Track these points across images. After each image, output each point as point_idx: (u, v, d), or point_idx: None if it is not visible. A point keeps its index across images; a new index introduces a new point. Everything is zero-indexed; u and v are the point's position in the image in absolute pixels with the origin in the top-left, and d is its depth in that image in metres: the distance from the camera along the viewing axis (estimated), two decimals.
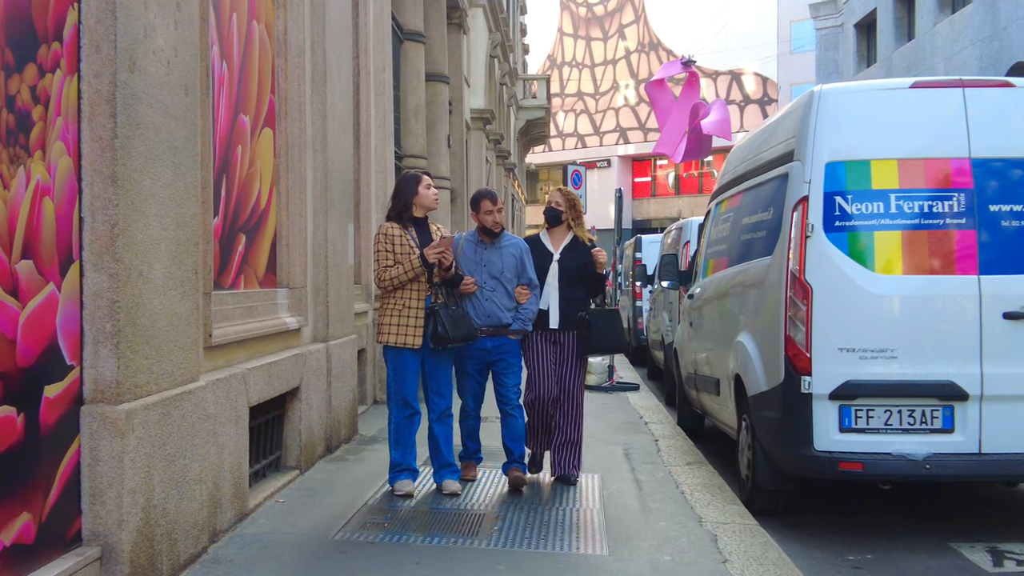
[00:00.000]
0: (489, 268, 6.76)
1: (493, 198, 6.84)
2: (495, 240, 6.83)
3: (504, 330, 6.78)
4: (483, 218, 6.80)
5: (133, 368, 4.33)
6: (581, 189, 21.31)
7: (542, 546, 5.54)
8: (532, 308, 6.85)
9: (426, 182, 6.67)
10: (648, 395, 12.56)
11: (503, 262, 6.78)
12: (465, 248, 6.87)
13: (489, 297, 6.73)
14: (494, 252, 6.80)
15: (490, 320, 6.73)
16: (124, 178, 4.24)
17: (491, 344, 6.77)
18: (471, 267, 6.76)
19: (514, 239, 6.95)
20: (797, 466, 6.36)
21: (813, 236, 6.28)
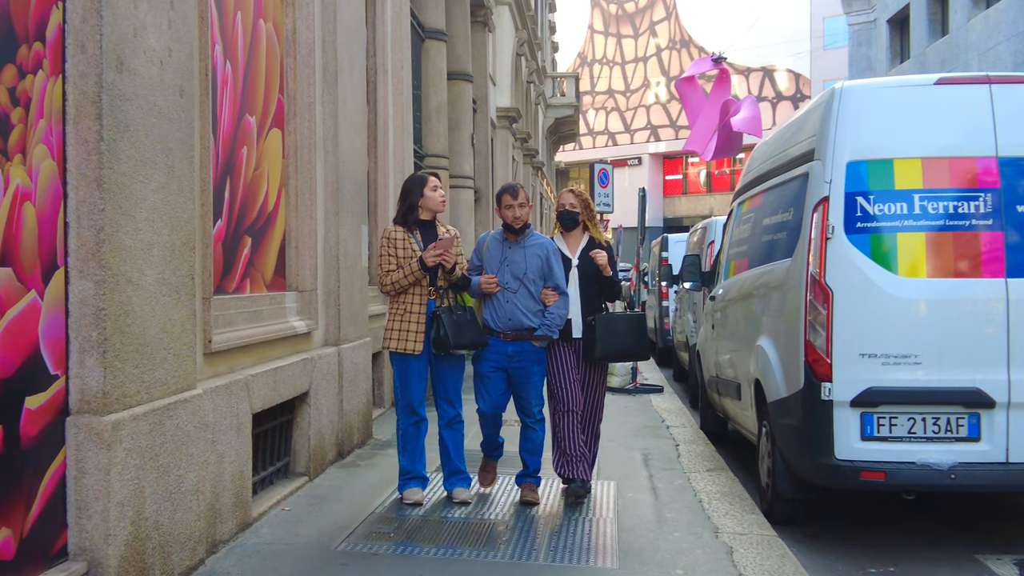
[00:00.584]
0: (512, 268, 6.40)
1: (515, 192, 6.45)
2: (519, 238, 6.47)
3: (527, 335, 6.40)
4: (504, 213, 6.45)
5: (121, 377, 4.20)
6: (608, 187, 21.14)
7: (551, 559, 5.37)
8: (559, 313, 6.43)
9: (432, 184, 6.48)
10: (672, 398, 12.35)
11: (527, 262, 6.40)
12: (490, 246, 6.55)
13: (510, 299, 6.37)
14: (518, 251, 6.44)
15: (511, 323, 6.37)
16: (111, 182, 4.12)
17: (512, 349, 6.40)
18: (494, 266, 6.44)
19: (541, 239, 6.57)
20: (817, 475, 6.15)
21: (834, 238, 6.07)
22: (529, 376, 6.46)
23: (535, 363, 6.46)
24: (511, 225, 6.44)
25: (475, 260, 6.58)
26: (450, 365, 6.43)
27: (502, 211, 6.45)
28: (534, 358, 6.45)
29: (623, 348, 6.66)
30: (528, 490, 6.57)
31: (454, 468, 6.54)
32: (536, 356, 6.46)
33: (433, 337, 6.24)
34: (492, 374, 6.45)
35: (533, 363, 6.45)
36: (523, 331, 6.36)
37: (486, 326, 6.41)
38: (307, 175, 7.21)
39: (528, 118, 27.65)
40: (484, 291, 6.38)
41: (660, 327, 16.98)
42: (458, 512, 6.28)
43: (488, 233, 6.69)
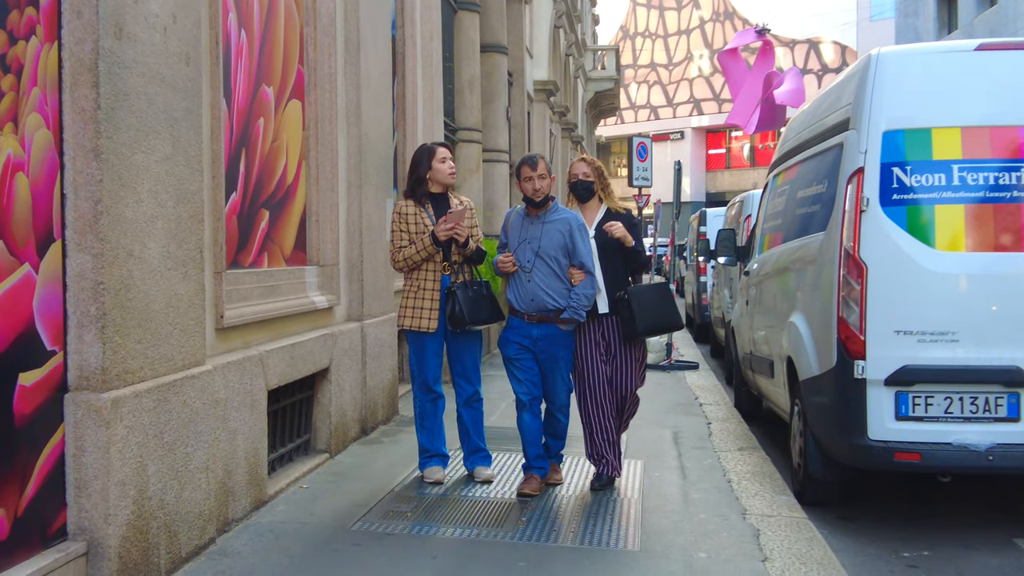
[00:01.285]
0: (532, 244, 6.02)
1: (533, 163, 6.04)
2: (541, 213, 6.07)
3: (552, 317, 5.99)
4: (523, 186, 6.06)
5: (123, 353, 4.09)
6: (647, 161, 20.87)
7: (570, 540, 5.22)
8: (584, 294, 5.97)
9: (441, 155, 6.27)
10: (707, 374, 12.13)
11: (547, 238, 6.00)
12: (514, 222, 6.20)
13: (532, 278, 5.98)
14: (539, 227, 6.05)
15: (535, 304, 5.98)
16: (109, 152, 3.99)
17: (536, 332, 6.01)
18: (517, 243, 6.08)
19: (565, 213, 6.12)
20: (850, 456, 5.95)
21: (869, 210, 5.84)
22: (555, 361, 6.07)
23: (561, 347, 6.07)
24: (531, 199, 6.07)
25: (502, 237, 6.26)
26: (467, 341, 6.27)
27: (521, 184, 6.10)
28: (560, 342, 6.06)
29: (660, 320, 6.26)
30: (553, 471, 6.34)
31: (474, 446, 6.40)
32: (563, 340, 6.06)
33: (448, 314, 6.09)
34: (520, 356, 6.08)
35: (559, 347, 6.06)
36: (547, 312, 5.98)
37: (511, 307, 6.11)
38: (328, 147, 7.06)
39: (567, 91, 27.36)
40: (501, 270, 6.07)
41: (698, 303, 16.77)
42: (479, 491, 6.14)
43: (514, 208, 6.33)
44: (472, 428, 6.34)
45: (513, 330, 6.09)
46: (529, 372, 6.08)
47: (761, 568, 4.85)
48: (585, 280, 6.00)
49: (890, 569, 5.40)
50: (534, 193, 6.03)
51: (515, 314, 6.09)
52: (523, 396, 6.12)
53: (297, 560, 4.81)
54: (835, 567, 4.94)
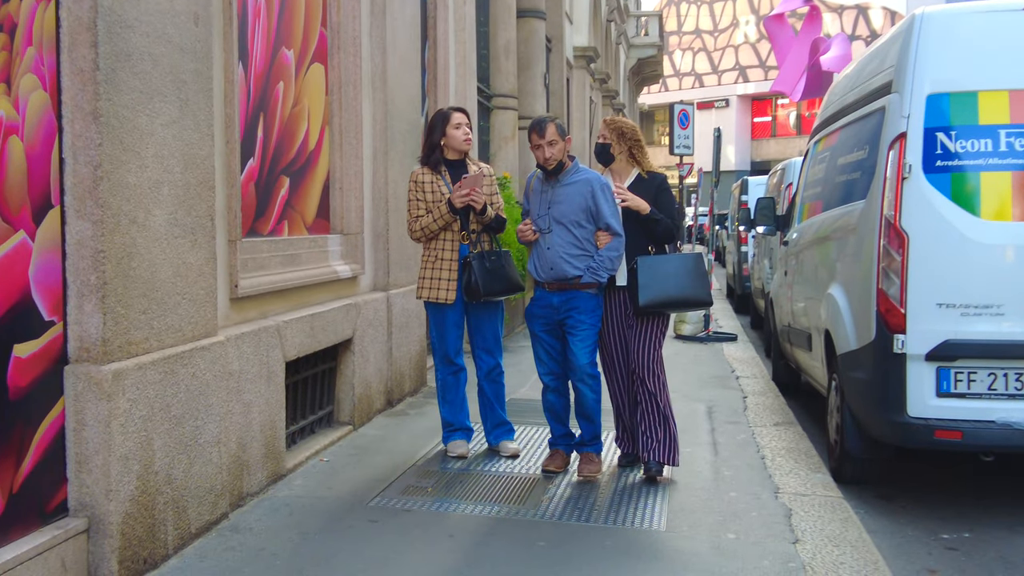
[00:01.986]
0: (553, 210, 5.67)
1: (541, 129, 5.62)
2: (560, 176, 5.70)
3: (572, 284, 5.64)
4: (535, 153, 5.71)
5: (125, 324, 3.95)
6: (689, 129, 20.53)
7: (593, 518, 5.05)
8: (608, 256, 5.60)
9: (455, 120, 6.06)
10: (746, 346, 11.88)
11: (567, 202, 5.65)
12: (534, 188, 5.86)
13: (551, 245, 5.63)
14: (558, 190, 5.69)
15: (554, 273, 5.64)
16: (110, 114, 3.84)
17: (557, 300, 5.67)
18: (537, 209, 5.76)
19: (586, 174, 5.71)
20: (888, 433, 5.71)
21: (911, 177, 5.57)
22: (577, 326, 5.66)
23: (584, 312, 5.65)
24: (543, 167, 5.74)
25: (525, 204, 5.96)
26: (487, 312, 6.09)
27: (532, 150, 5.74)
28: (584, 306, 5.65)
29: (672, 294, 5.67)
30: (584, 462, 5.81)
31: (497, 419, 6.24)
32: (585, 304, 5.65)
33: (464, 284, 5.92)
34: (545, 335, 5.79)
35: (582, 312, 5.65)
36: (566, 280, 5.62)
37: (533, 278, 5.80)
38: (352, 113, 6.88)
39: (608, 58, 26.97)
40: (521, 240, 5.78)
41: (738, 273, 16.48)
42: (503, 466, 5.98)
43: (534, 172, 5.96)
44: (495, 401, 6.17)
45: (537, 302, 5.79)
46: (553, 352, 5.80)
47: (791, 551, 4.65)
48: (611, 242, 5.62)
49: (928, 551, 5.18)
50: (545, 162, 5.68)
51: (538, 285, 5.78)
52: (544, 378, 5.89)
53: (310, 537, 4.68)
54: (869, 550, 4.73)
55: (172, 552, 4.29)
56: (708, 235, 13.52)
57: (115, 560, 3.87)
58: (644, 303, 5.61)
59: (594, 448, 5.86)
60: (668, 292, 5.65)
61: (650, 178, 5.90)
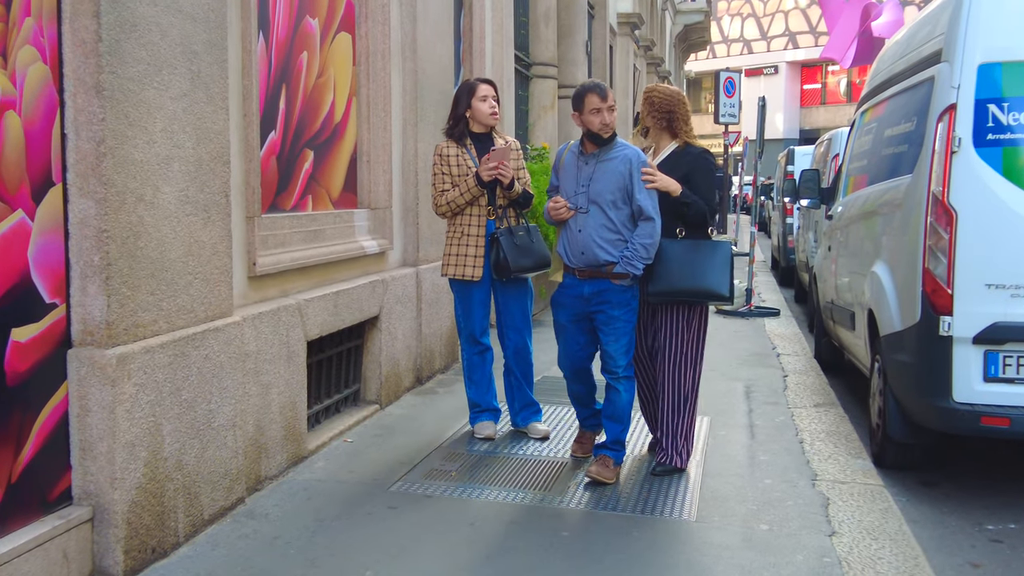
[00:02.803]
0: (589, 188, 5.20)
1: (603, 92, 5.16)
2: (602, 150, 5.21)
3: (605, 272, 5.19)
4: (588, 119, 5.15)
5: (132, 306, 3.81)
6: (734, 97, 20.13)
7: (621, 507, 4.87)
8: (642, 243, 5.10)
9: (482, 92, 5.81)
10: (789, 321, 11.59)
11: (601, 180, 5.17)
12: (566, 163, 5.36)
13: (584, 227, 5.18)
14: (597, 167, 5.20)
15: (585, 258, 5.20)
16: (114, 88, 3.68)
17: (588, 290, 5.23)
18: (571, 186, 5.28)
19: (627, 149, 5.22)
20: (932, 419, 5.47)
21: (960, 151, 5.30)
22: (609, 322, 5.21)
23: (617, 307, 5.19)
24: (597, 134, 5.17)
25: (553, 179, 5.50)
26: (515, 290, 5.89)
27: (585, 116, 5.16)
28: (617, 300, 5.19)
29: (683, 285, 5.21)
30: (599, 464, 5.27)
31: (526, 400, 6.05)
32: (619, 298, 5.19)
33: (492, 261, 5.71)
34: (571, 324, 5.36)
35: (615, 306, 5.19)
36: (599, 267, 5.17)
37: (563, 262, 5.37)
38: (381, 84, 6.70)
39: (653, 24, 26.51)
40: (554, 218, 5.30)
41: (783, 245, 16.16)
42: (531, 449, 5.81)
43: (566, 145, 5.50)
44: (523, 381, 5.99)
45: (565, 290, 5.34)
46: (577, 345, 5.39)
47: (827, 544, 4.44)
48: (645, 228, 5.13)
49: (971, 544, 4.95)
50: (603, 128, 5.16)
51: (568, 271, 5.33)
52: (566, 370, 5.51)
53: (326, 524, 4.54)
54: (910, 544, 4.51)
55: (183, 540, 4.17)
56: (751, 206, 13.20)
57: (120, 550, 3.75)
58: (651, 292, 5.24)
59: (614, 454, 5.33)
60: (680, 282, 5.21)
61: (685, 152, 5.41)
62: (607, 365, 5.27)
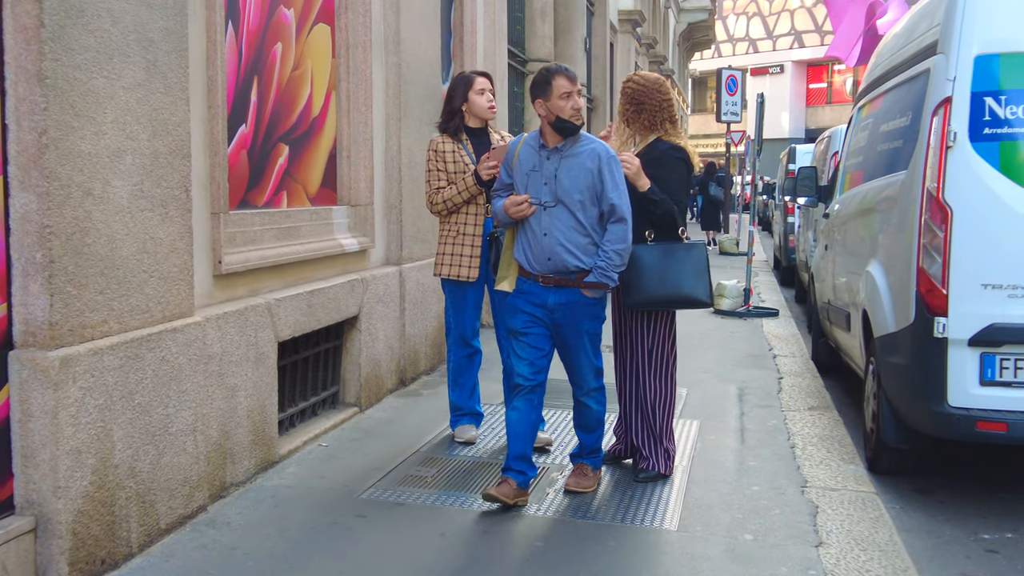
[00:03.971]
0: (553, 186, 4.67)
1: (571, 74, 4.69)
2: (567, 143, 4.70)
3: (574, 281, 4.69)
4: (558, 105, 4.59)
5: (78, 305, 3.63)
6: (737, 95, 19.95)
7: (600, 515, 4.67)
8: (614, 249, 4.66)
9: (479, 86, 5.58)
10: (787, 322, 11.37)
11: (571, 176, 4.66)
12: (522, 157, 4.79)
13: (550, 229, 4.65)
14: (562, 162, 4.68)
15: (552, 264, 4.66)
16: (57, 76, 3.49)
17: (554, 300, 4.69)
18: (532, 185, 4.72)
19: (594, 143, 4.75)
20: (926, 423, 5.27)
21: (956, 146, 5.10)
22: (578, 337, 4.77)
23: (586, 319, 4.76)
24: (568, 122, 4.64)
25: (504, 176, 4.93)
26: None
27: (553, 102, 4.61)
28: (585, 312, 4.75)
29: (659, 294, 4.96)
30: (577, 474, 5.02)
31: None
32: (588, 310, 4.76)
33: (492, 261, 5.36)
34: (530, 330, 4.75)
35: (583, 319, 4.75)
36: (567, 275, 4.68)
37: (521, 267, 4.81)
38: (362, 77, 6.50)
39: (655, 22, 26.31)
40: (514, 216, 4.74)
41: (785, 244, 15.97)
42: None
43: (520, 137, 4.95)
44: None
45: (524, 296, 4.76)
46: (537, 352, 4.76)
47: (813, 555, 4.24)
48: (617, 231, 4.69)
49: (966, 554, 4.75)
50: (574, 114, 4.65)
51: (526, 276, 4.77)
52: (522, 380, 4.76)
53: (289, 534, 4.34)
54: (900, 555, 4.31)
55: (137, 550, 3.98)
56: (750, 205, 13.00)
57: (65, 562, 3.57)
58: (627, 304, 5.02)
59: (592, 461, 5.05)
60: (655, 291, 4.96)
61: (654, 147, 5.13)
62: (576, 381, 4.88)
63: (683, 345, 5.65)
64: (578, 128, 4.71)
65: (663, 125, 5.17)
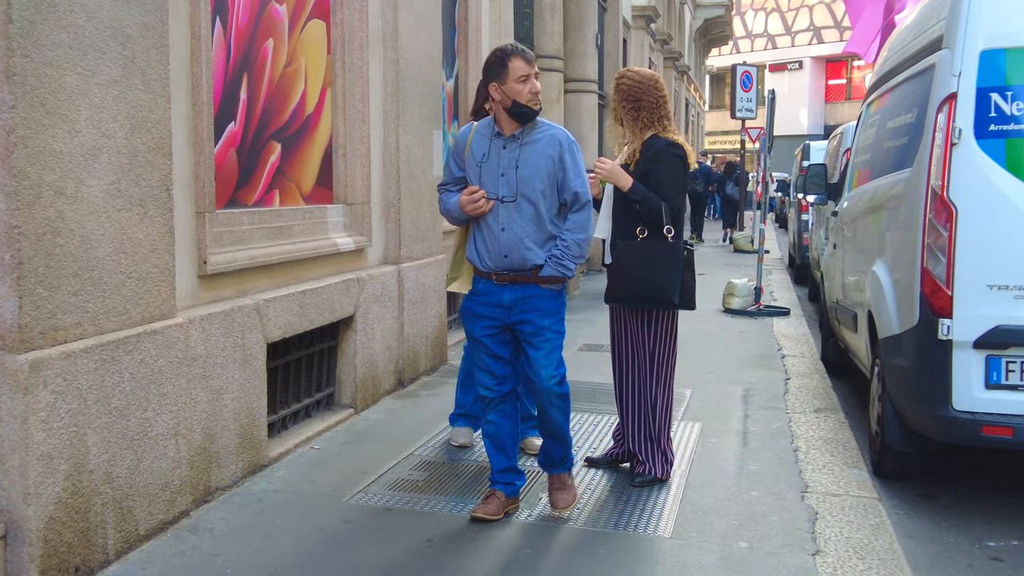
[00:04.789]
0: (512, 176, 4.35)
1: (527, 56, 4.38)
2: (525, 130, 4.38)
3: (531, 276, 4.40)
4: (515, 89, 4.27)
5: (50, 307, 3.54)
6: (751, 91, 19.76)
7: (593, 522, 4.56)
8: (574, 239, 4.40)
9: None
10: (798, 321, 11.21)
11: (532, 165, 4.33)
12: (476, 148, 4.45)
13: (508, 224, 4.35)
14: (522, 150, 4.35)
15: (508, 261, 4.36)
16: (27, 72, 3.41)
17: (509, 297, 4.39)
18: (488, 177, 4.39)
19: (552, 129, 4.43)
20: (931, 427, 5.13)
21: (961, 143, 4.96)
22: (539, 333, 4.41)
23: (547, 315, 4.42)
24: (526, 107, 4.30)
25: (455, 170, 4.57)
26: None
27: (509, 85, 4.28)
28: (544, 307, 4.41)
29: (629, 292, 4.92)
30: (559, 490, 4.66)
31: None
32: (548, 305, 4.43)
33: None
34: (489, 339, 4.47)
35: (543, 315, 4.41)
36: (525, 271, 4.38)
37: (475, 267, 4.51)
38: (358, 74, 6.40)
39: (670, 18, 26.13)
40: (470, 213, 4.40)
41: (798, 242, 15.79)
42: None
43: (469, 127, 4.59)
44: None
45: (480, 299, 4.47)
46: (501, 362, 4.50)
47: (809, 564, 4.12)
48: (578, 219, 4.42)
49: (969, 563, 4.62)
50: (532, 98, 4.31)
51: (480, 275, 4.49)
52: (489, 392, 4.55)
53: (273, 539, 4.25)
54: (899, 565, 4.18)
55: (114, 557, 3.90)
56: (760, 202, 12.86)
57: (36, 569, 3.48)
58: (607, 300, 5.02)
59: (567, 468, 4.72)
60: (629, 287, 4.91)
61: (649, 144, 4.99)
62: (535, 383, 4.49)
63: (690, 344, 5.54)
64: (536, 113, 4.38)
65: (660, 122, 5.04)
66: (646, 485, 5.06)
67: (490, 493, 4.59)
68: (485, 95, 4.82)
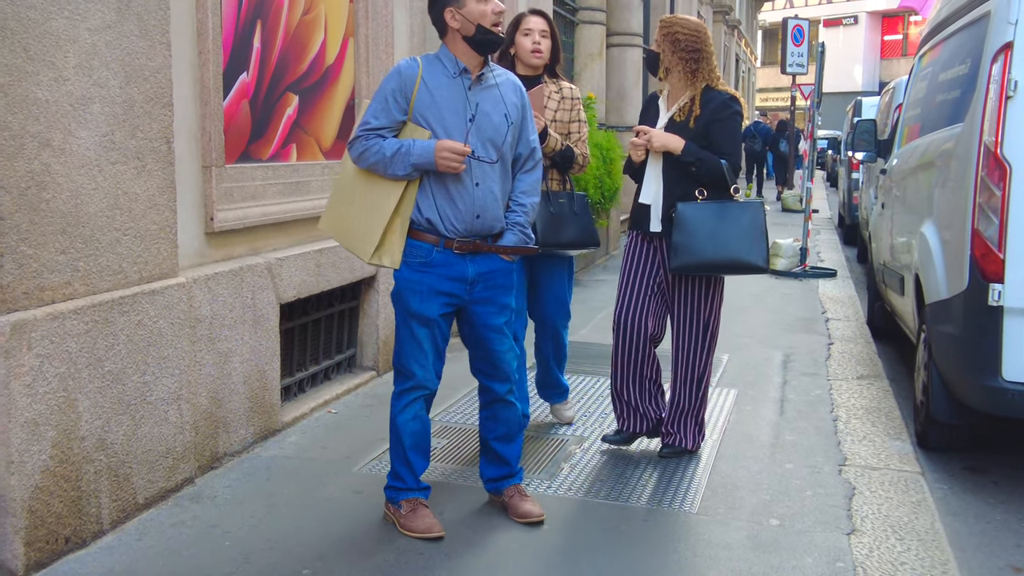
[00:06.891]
0: (486, 123, 3.71)
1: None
2: (486, 68, 3.75)
3: (491, 245, 3.79)
4: (475, 10, 3.58)
5: (35, 266, 3.35)
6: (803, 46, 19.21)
7: (615, 495, 4.33)
8: (534, 200, 3.91)
9: (526, 25, 4.73)
10: (845, 283, 10.86)
11: (499, 112, 3.74)
12: (435, 87, 3.67)
13: (483, 180, 3.71)
14: (484, 93, 3.74)
15: (480, 223, 3.73)
16: (7, 16, 3.19)
17: (473, 271, 3.75)
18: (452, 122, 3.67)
19: (501, 70, 3.87)
20: (979, 399, 4.83)
21: (1016, 96, 4.61)
22: (501, 314, 3.86)
23: (508, 292, 3.88)
24: (492, 33, 3.62)
25: (394, 110, 3.66)
26: (549, 267, 4.98)
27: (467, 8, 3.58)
28: (505, 283, 3.86)
29: (710, 258, 4.41)
30: (524, 500, 4.04)
31: (554, 380, 5.30)
32: (507, 280, 3.87)
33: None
34: (444, 319, 3.80)
35: (504, 292, 3.86)
36: (487, 239, 3.79)
37: (429, 231, 3.72)
38: (382, 23, 6.14)
39: None
40: (443, 169, 3.61)
41: (848, 201, 15.37)
42: (535, 423, 5.29)
43: (413, 61, 3.74)
44: (552, 360, 5.21)
45: (437, 270, 3.71)
46: (437, 353, 3.84)
47: (843, 544, 3.86)
48: (530, 180, 3.91)
49: (1017, 542, 4.32)
50: (496, 21, 3.64)
51: (432, 242, 3.70)
52: (428, 382, 3.84)
53: (277, 509, 4.06)
54: (940, 546, 3.91)
55: (109, 528, 3.73)
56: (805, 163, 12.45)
57: (20, 541, 3.31)
58: (675, 268, 4.46)
59: (520, 478, 4.16)
60: (706, 254, 4.41)
61: (707, 98, 4.54)
62: (490, 371, 3.93)
63: (730, 307, 5.26)
64: (502, 41, 3.76)
65: (713, 72, 4.63)
66: (674, 456, 4.82)
67: (414, 505, 3.90)
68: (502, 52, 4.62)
